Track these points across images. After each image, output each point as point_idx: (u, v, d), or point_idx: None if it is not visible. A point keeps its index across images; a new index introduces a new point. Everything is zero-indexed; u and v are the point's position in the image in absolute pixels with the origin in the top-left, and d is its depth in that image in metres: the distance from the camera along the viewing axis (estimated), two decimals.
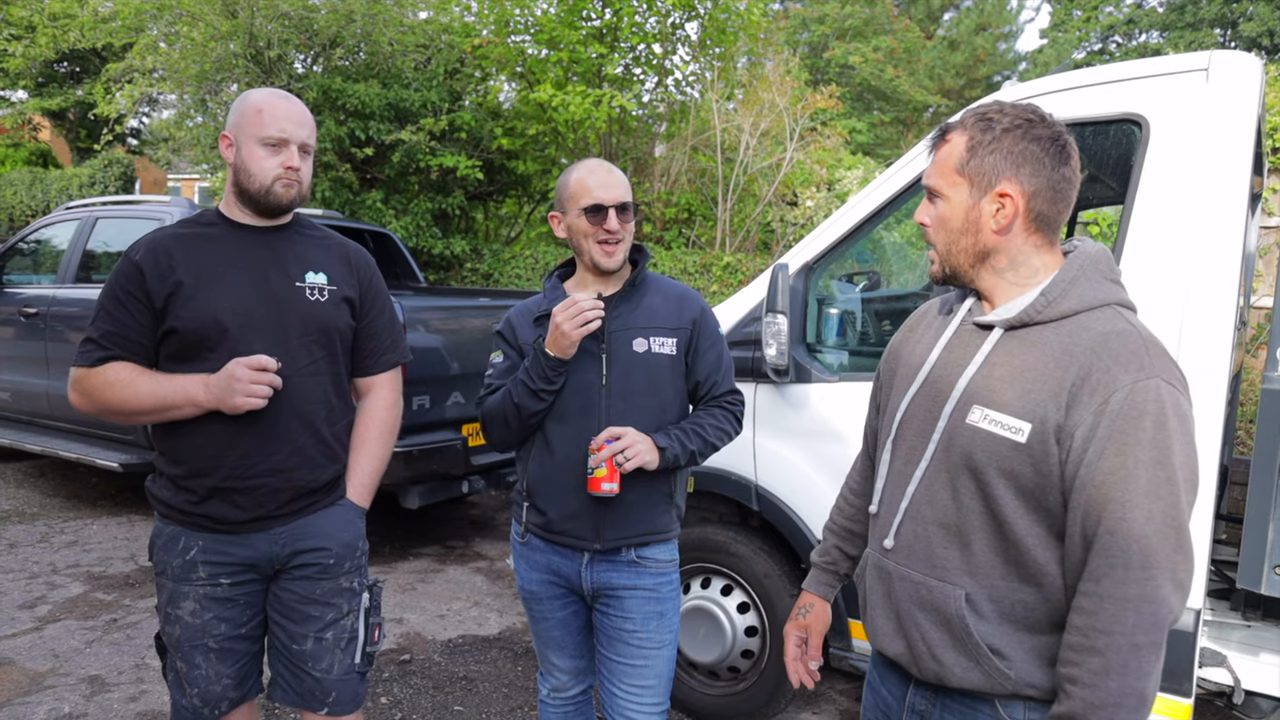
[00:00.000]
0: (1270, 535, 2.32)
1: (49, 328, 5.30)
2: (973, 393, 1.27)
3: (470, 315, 4.77)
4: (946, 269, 1.35)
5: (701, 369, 2.00)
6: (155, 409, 1.76)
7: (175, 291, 1.76)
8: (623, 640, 1.99)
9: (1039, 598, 1.23)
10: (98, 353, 1.77)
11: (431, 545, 5.07)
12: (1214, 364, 2.27)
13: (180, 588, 1.82)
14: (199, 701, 1.85)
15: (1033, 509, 1.22)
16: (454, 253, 8.08)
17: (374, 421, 2.00)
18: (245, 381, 1.71)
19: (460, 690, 3.32)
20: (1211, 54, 2.34)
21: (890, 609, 1.37)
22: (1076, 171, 1.30)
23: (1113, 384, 1.16)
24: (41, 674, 3.26)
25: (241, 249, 1.83)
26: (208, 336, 1.76)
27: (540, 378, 1.85)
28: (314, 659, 1.88)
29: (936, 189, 1.32)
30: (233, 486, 1.80)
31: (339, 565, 1.91)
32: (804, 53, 18.81)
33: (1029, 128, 1.26)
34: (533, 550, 2.04)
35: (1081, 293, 1.25)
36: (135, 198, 5.77)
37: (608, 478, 1.82)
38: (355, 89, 7.42)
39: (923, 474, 1.32)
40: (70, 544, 4.77)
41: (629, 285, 1.98)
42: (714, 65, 8.13)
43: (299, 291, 1.85)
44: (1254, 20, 20.19)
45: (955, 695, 1.31)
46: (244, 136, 1.79)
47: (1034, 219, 1.28)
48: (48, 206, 12.52)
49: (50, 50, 10.20)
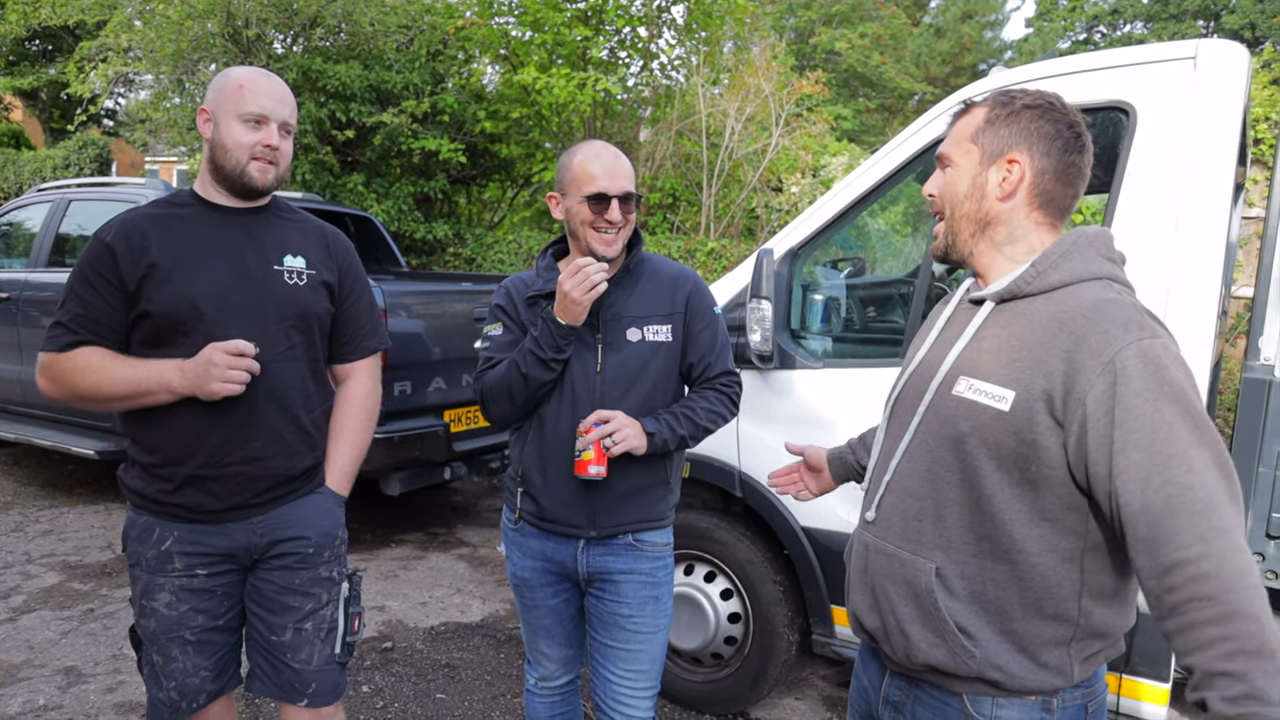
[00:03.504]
0: (1249, 522, 2.34)
1: (21, 313, 5.20)
2: (960, 365, 1.27)
3: (453, 300, 4.72)
4: (947, 241, 1.35)
5: (695, 350, 1.97)
6: (128, 395, 1.71)
7: (149, 274, 1.70)
8: (618, 625, 1.98)
9: (1010, 576, 1.22)
10: (67, 337, 1.72)
11: (413, 532, 5.04)
12: (1197, 352, 2.27)
13: (155, 579, 1.78)
14: (176, 695, 1.82)
15: (1014, 482, 1.20)
16: (436, 237, 8.00)
17: (353, 409, 1.96)
18: (222, 367, 1.67)
19: (443, 678, 3.30)
20: (1199, 43, 2.34)
21: (867, 584, 1.37)
22: (1088, 163, 1.30)
23: (1115, 343, 1.13)
24: (16, 665, 3.21)
25: (217, 231, 1.78)
26: (182, 321, 1.71)
27: (551, 347, 1.82)
28: (293, 650, 1.85)
29: (949, 156, 1.34)
30: (208, 475, 1.76)
31: (318, 555, 1.87)
32: (790, 38, 18.76)
33: (1049, 110, 1.27)
34: (526, 537, 2.01)
35: (1073, 265, 1.24)
36: (110, 180, 5.67)
37: (595, 460, 1.81)
38: (336, 70, 7.30)
39: (907, 446, 1.32)
40: (45, 533, 4.70)
41: (624, 271, 1.95)
42: (700, 50, 8.07)
43: (276, 275, 1.81)
44: (1236, 13, 20.35)
45: (927, 688, 1.31)
46: (223, 112, 1.74)
47: (1039, 194, 1.28)
48: (20, 189, 12.28)
49: (21, 27, 9.97)
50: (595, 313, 1.89)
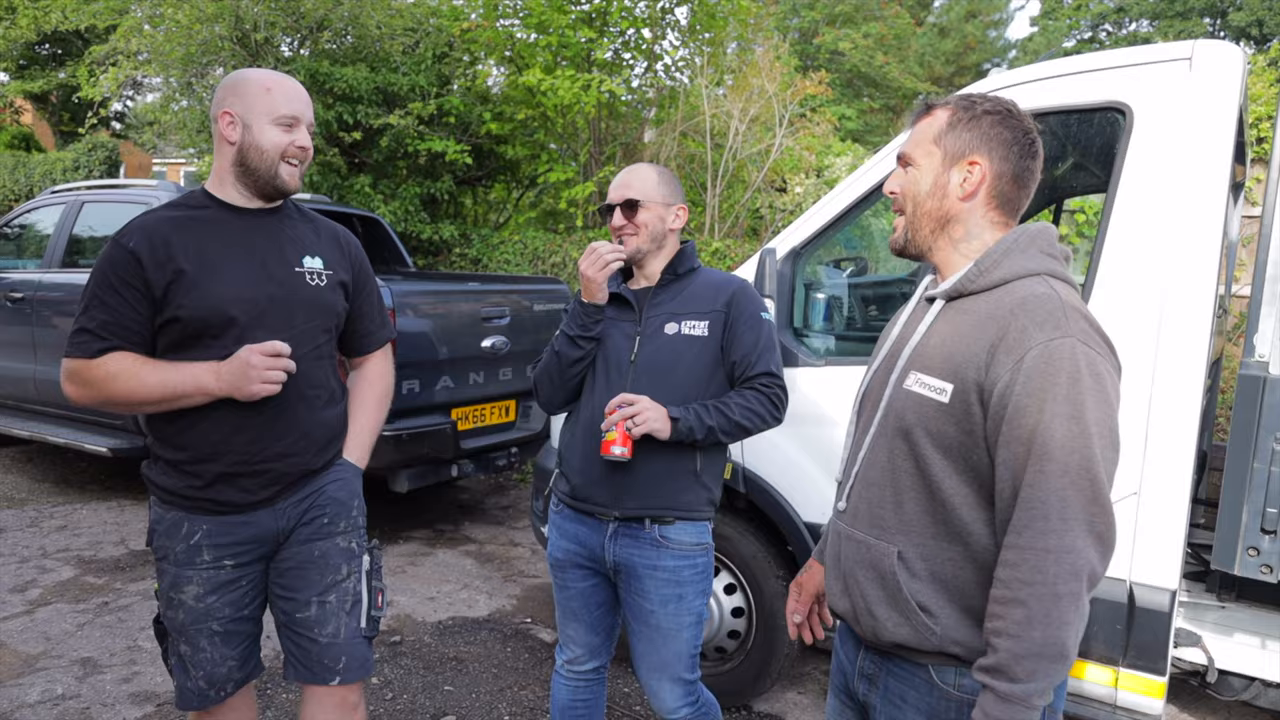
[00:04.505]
0: (1244, 518, 2.37)
1: (35, 313, 5.27)
2: (912, 360, 1.35)
3: (459, 300, 4.77)
4: (906, 235, 1.42)
5: (737, 349, 2.03)
6: (162, 399, 1.72)
7: (176, 280, 1.71)
8: (641, 619, 2.06)
9: (965, 556, 1.29)
10: (97, 344, 1.71)
11: (421, 529, 5.10)
12: (1192, 350, 2.31)
13: (184, 572, 1.80)
14: (205, 684, 1.84)
15: (959, 469, 1.28)
16: (442, 238, 8.05)
17: (371, 386, 2.03)
18: (260, 368, 1.69)
19: (450, 671, 3.35)
20: (1195, 43, 2.37)
21: (839, 569, 1.44)
22: (1039, 168, 1.38)
23: (1028, 343, 1.20)
24: (34, 656, 3.28)
25: (239, 233, 1.80)
26: (213, 325, 1.73)
27: (579, 324, 2.01)
28: (319, 624, 1.87)
29: (911, 156, 1.41)
30: (239, 472, 1.78)
31: (334, 524, 1.90)
32: (794, 39, 18.75)
33: (1007, 116, 1.35)
34: (564, 519, 2.13)
35: (1013, 263, 1.30)
36: (121, 181, 5.74)
37: (618, 441, 1.90)
38: (343, 73, 7.36)
39: (871, 439, 1.40)
40: (60, 528, 4.77)
41: (671, 276, 2.08)
42: (704, 51, 8.11)
43: (299, 277, 1.84)
44: (1243, 10, 20.26)
45: (897, 660, 1.38)
46: (254, 115, 1.76)
47: (996, 195, 1.36)
48: (31, 191, 12.37)
49: (31, 32, 10.06)
50: (639, 310, 2.05)
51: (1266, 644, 2.63)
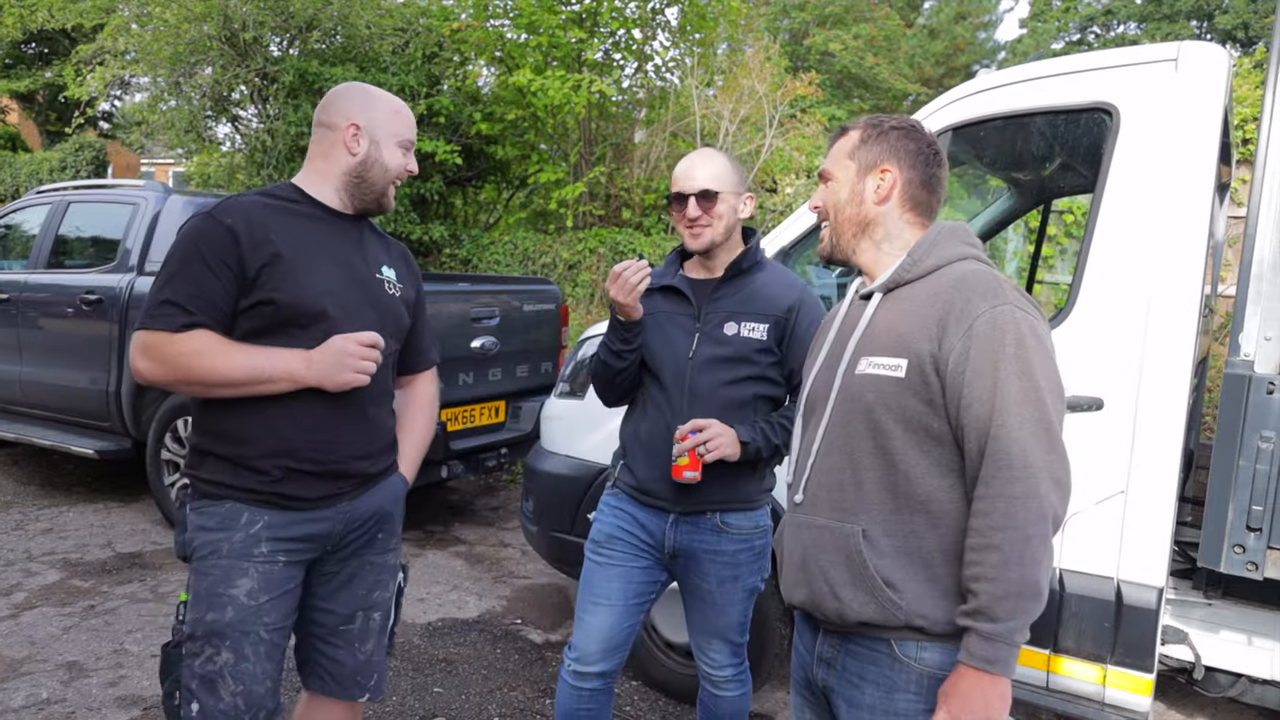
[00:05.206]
0: (1230, 515, 2.39)
1: (21, 314, 5.23)
2: (860, 349, 1.45)
3: (449, 300, 4.75)
4: (832, 242, 1.55)
5: (795, 358, 2.02)
6: (244, 382, 1.63)
7: (271, 263, 1.64)
8: (698, 596, 2.12)
9: (928, 525, 1.36)
10: (183, 318, 1.61)
11: (411, 530, 5.08)
12: (1179, 349, 2.32)
13: (239, 564, 1.67)
14: (242, 703, 1.67)
15: (920, 440, 1.36)
16: (432, 238, 8.04)
17: (421, 407, 2.03)
18: (356, 357, 1.66)
19: (440, 672, 3.34)
20: (1180, 45, 2.39)
21: (797, 559, 1.48)
22: (946, 175, 1.54)
23: (974, 311, 1.32)
24: (19, 660, 3.25)
25: (330, 233, 1.78)
26: (305, 314, 1.68)
27: (619, 339, 2.04)
28: (361, 639, 1.84)
29: (830, 172, 1.55)
30: (310, 470, 1.72)
31: (387, 538, 1.89)
32: (784, 39, 18.78)
33: (911, 131, 1.51)
34: (622, 503, 2.14)
35: (941, 252, 1.44)
36: (108, 182, 5.70)
37: (690, 466, 1.93)
38: (332, 72, 7.35)
39: (824, 430, 1.47)
40: (46, 531, 4.73)
41: (735, 269, 2.07)
42: (694, 51, 8.12)
43: (379, 284, 1.84)
44: (1229, 13, 20.44)
45: (857, 639, 1.42)
46: (384, 134, 1.79)
47: (909, 198, 1.50)
48: (17, 191, 12.29)
49: (17, 31, 9.98)
50: (698, 304, 2.05)
51: (1253, 640, 2.65)
